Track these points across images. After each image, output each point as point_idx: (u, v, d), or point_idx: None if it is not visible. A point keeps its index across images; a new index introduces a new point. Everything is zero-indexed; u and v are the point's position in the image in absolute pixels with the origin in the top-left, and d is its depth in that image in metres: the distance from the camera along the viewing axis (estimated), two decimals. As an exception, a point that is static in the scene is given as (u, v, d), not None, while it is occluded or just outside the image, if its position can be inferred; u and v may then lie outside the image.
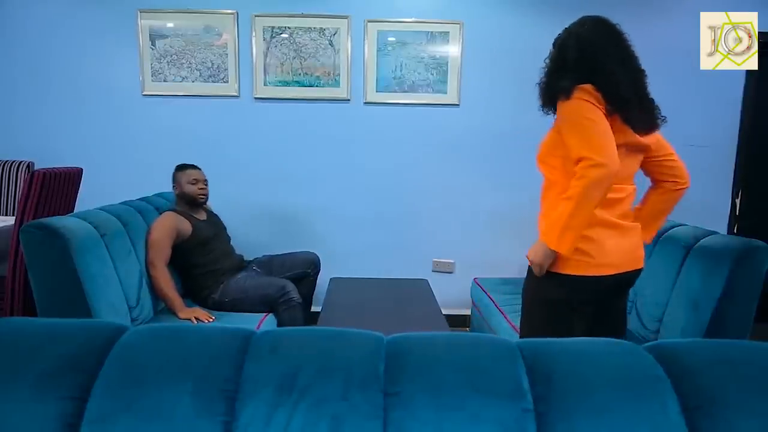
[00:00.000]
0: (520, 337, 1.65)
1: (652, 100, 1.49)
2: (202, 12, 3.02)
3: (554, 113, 1.55)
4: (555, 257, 1.47)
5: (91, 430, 0.73)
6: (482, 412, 0.74)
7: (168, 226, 2.36)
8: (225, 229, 2.72)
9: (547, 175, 1.60)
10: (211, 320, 2.26)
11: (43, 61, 3.04)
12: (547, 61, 1.62)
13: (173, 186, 2.56)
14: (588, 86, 1.40)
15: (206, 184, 2.58)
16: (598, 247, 1.47)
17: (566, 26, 1.61)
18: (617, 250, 1.49)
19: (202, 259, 2.46)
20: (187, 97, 3.08)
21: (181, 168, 2.57)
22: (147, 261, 2.28)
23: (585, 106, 1.40)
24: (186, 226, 2.44)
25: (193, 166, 2.58)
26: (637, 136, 1.46)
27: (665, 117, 1.50)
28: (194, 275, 2.48)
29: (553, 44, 1.62)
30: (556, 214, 1.44)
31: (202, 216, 2.59)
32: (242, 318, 2.30)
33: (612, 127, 1.39)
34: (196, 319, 2.24)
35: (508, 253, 3.25)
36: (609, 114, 1.41)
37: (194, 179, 2.52)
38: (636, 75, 1.47)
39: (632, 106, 1.43)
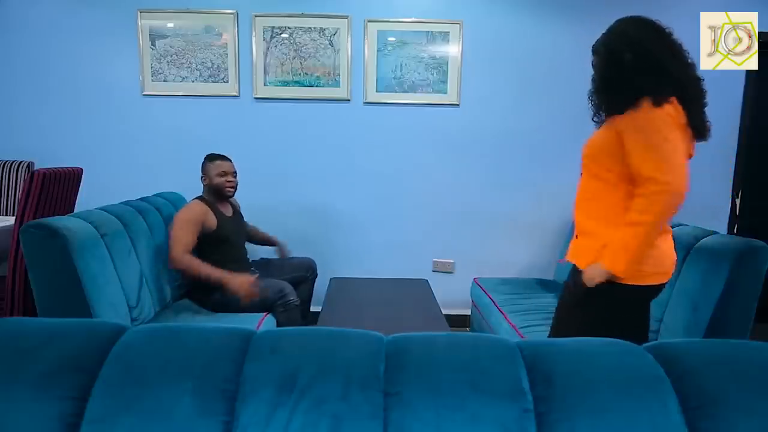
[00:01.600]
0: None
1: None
2: (202, 12, 3.02)
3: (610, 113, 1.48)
4: None
5: (91, 430, 0.73)
6: (482, 413, 0.74)
7: (195, 219, 2.34)
8: (244, 234, 2.71)
9: (596, 173, 1.50)
10: (253, 282, 2.30)
11: (43, 61, 3.04)
12: (598, 68, 1.51)
13: (201, 176, 2.52)
14: (673, 98, 1.36)
15: (235, 177, 2.54)
16: (660, 255, 1.45)
17: (607, 32, 1.51)
18: (670, 254, 1.49)
19: (213, 258, 2.39)
20: (187, 97, 3.08)
21: (211, 158, 2.52)
22: (169, 256, 2.28)
23: (665, 120, 1.35)
24: (212, 220, 2.42)
25: (223, 157, 2.53)
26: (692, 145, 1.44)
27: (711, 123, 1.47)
28: None
29: (595, 51, 1.53)
30: (621, 241, 1.38)
31: (228, 212, 2.56)
32: (242, 318, 2.29)
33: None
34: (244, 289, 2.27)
35: (508, 254, 3.25)
36: (683, 128, 1.37)
37: (223, 171, 2.48)
38: (699, 79, 1.44)
39: (701, 112, 1.41)
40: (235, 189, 2.54)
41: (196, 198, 2.50)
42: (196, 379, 0.76)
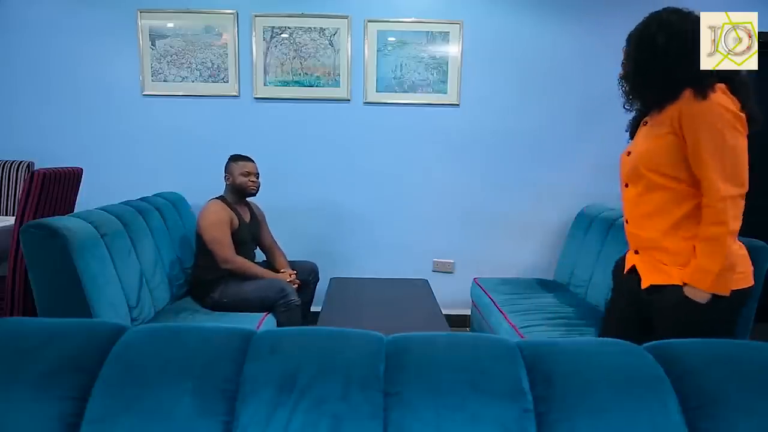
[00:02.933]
0: None
1: None
2: (202, 12, 3.02)
3: (654, 108, 1.40)
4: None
5: (91, 430, 0.73)
6: (482, 413, 0.74)
7: (225, 219, 2.46)
8: (257, 239, 2.75)
9: (663, 184, 1.38)
10: (294, 277, 2.60)
11: (43, 61, 3.04)
12: (630, 55, 1.42)
13: (225, 176, 2.60)
14: (722, 86, 1.28)
15: (258, 177, 2.63)
16: (744, 258, 1.42)
17: (642, 20, 1.42)
18: (746, 254, 1.44)
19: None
20: (187, 97, 3.08)
21: (235, 159, 2.60)
22: (219, 259, 2.42)
23: (728, 122, 1.27)
24: (235, 221, 2.52)
25: (247, 158, 2.62)
26: None
27: None
28: (203, 268, 2.49)
29: (633, 38, 1.42)
30: (705, 261, 1.30)
31: (247, 216, 2.64)
32: (242, 318, 2.29)
33: None
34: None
35: (508, 254, 3.25)
36: (738, 117, 1.30)
37: (247, 171, 2.57)
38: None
39: (751, 98, 1.32)
40: (258, 189, 2.62)
41: (215, 199, 2.56)
42: (196, 379, 0.76)
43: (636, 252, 1.51)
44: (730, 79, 1.32)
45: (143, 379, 0.76)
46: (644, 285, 1.44)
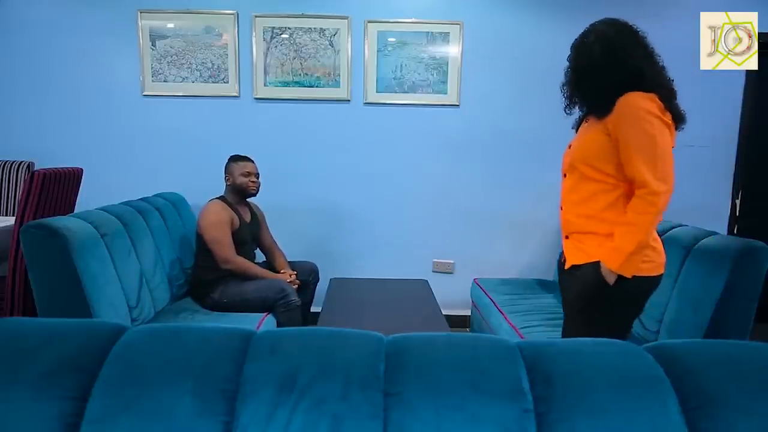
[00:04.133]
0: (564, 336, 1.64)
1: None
2: (202, 12, 3.02)
3: (591, 113, 1.54)
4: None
5: (91, 430, 0.73)
6: (482, 413, 0.74)
7: (225, 219, 2.46)
8: (257, 240, 2.75)
9: (592, 176, 1.51)
10: (294, 278, 2.60)
11: (43, 61, 3.04)
12: (574, 62, 1.59)
13: (225, 176, 2.61)
14: (651, 95, 1.40)
15: (258, 177, 2.64)
16: (658, 247, 1.51)
17: (583, 30, 1.59)
18: (661, 244, 1.54)
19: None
20: (187, 97, 3.08)
21: (235, 159, 2.61)
22: (219, 259, 2.41)
23: (654, 122, 1.39)
24: (236, 221, 2.53)
25: (247, 158, 2.63)
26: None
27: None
28: (203, 268, 2.50)
29: (574, 48, 1.60)
30: (621, 242, 1.42)
31: (247, 216, 2.65)
32: (242, 318, 2.29)
33: None
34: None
35: (508, 254, 3.25)
36: (669, 126, 1.42)
37: (247, 171, 2.58)
38: (668, 75, 1.48)
39: (678, 107, 1.44)
40: (258, 189, 2.63)
41: (216, 199, 2.57)
42: (196, 379, 0.76)
43: (566, 237, 1.61)
44: (660, 87, 1.44)
45: (143, 379, 0.76)
46: (567, 266, 1.58)
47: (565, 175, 1.62)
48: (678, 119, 1.45)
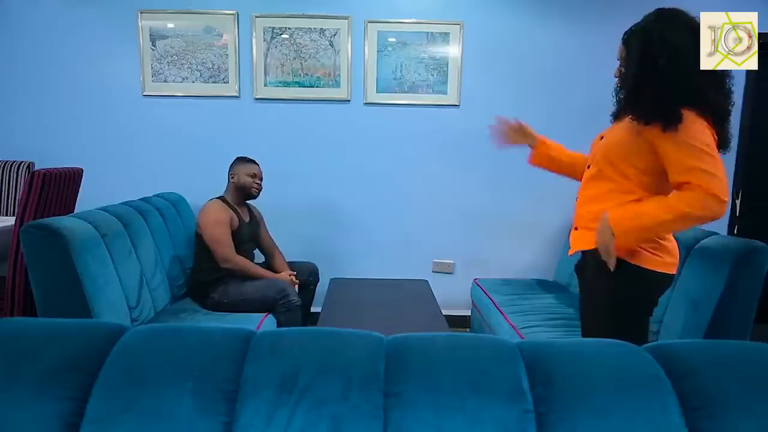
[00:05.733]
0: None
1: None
2: (202, 12, 3.02)
3: (641, 123, 1.40)
4: (634, 251, 1.42)
5: (92, 430, 0.73)
6: (482, 413, 0.74)
7: (225, 219, 2.47)
8: (256, 240, 2.75)
9: (611, 175, 1.46)
10: (293, 277, 2.60)
11: (43, 61, 3.04)
12: (628, 64, 1.44)
13: (230, 175, 2.62)
14: (706, 123, 1.32)
15: (261, 181, 2.66)
16: (671, 244, 1.46)
17: (642, 26, 1.42)
18: (676, 247, 1.49)
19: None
20: (187, 97, 3.08)
21: (243, 160, 2.63)
22: (219, 258, 2.42)
23: (710, 137, 1.30)
24: (236, 221, 2.54)
25: (254, 162, 2.65)
26: None
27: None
28: (203, 268, 2.50)
29: (626, 41, 1.45)
30: (642, 210, 1.36)
31: (246, 217, 2.65)
32: (242, 318, 2.29)
33: None
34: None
35: (508, 254, 3.25)
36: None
37: (253, 173, 2.61)
38: (731, 93, 1.39)
39: (728, 127, 1.38)
40: (260, 192, 2.65)
41: (216, 198, 2.57)
42: (196, 379, 0.76)
43: (576, 229, 1.59)
44: (718, 108, 1.36)
45: (143, 379, 0.76)
46: (570, 252, 1.59)
47: (588, 166, 1.58)
48: (723, 145, 1.37)
